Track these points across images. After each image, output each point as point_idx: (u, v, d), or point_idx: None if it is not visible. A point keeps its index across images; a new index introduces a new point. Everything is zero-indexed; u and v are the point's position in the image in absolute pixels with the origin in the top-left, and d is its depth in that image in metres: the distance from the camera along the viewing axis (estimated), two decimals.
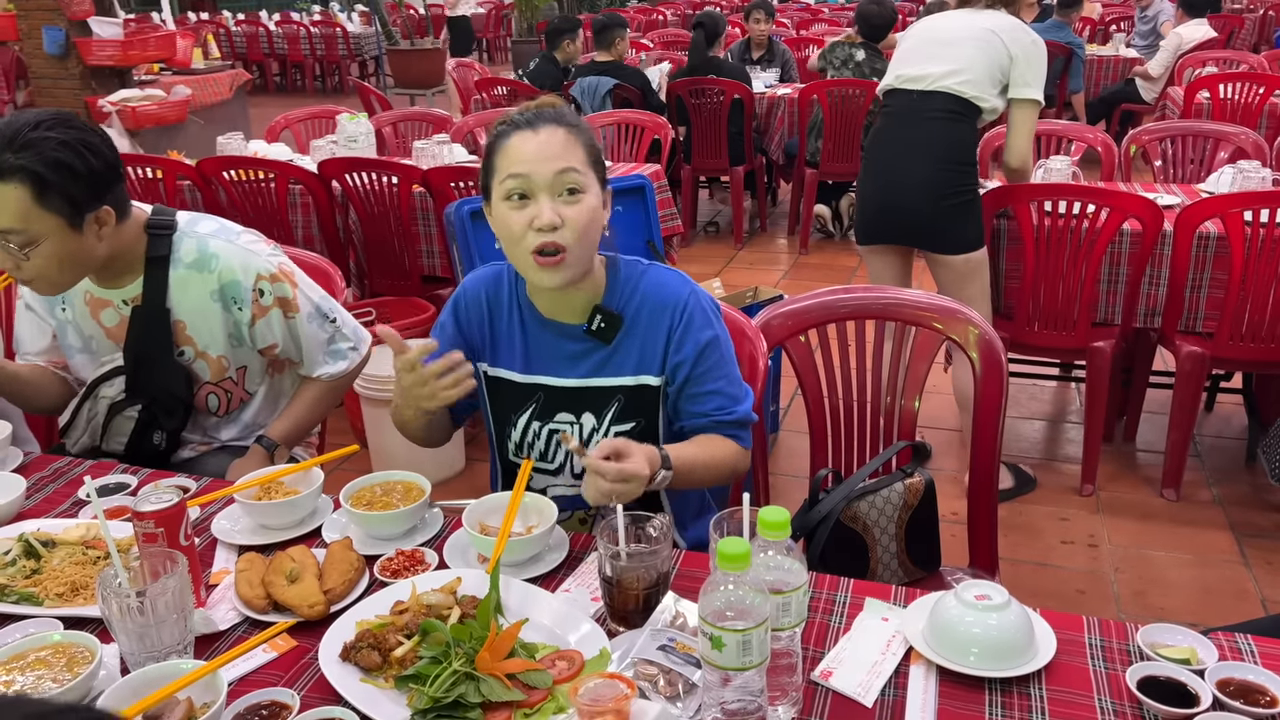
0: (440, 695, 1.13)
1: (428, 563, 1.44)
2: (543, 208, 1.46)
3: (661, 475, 1.45)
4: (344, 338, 2.04)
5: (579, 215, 1.48)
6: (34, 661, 1.20)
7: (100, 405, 1.95)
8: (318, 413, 2.08)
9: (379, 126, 4.82)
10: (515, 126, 1.50)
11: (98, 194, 1.71)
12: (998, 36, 2.97)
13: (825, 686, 1.19)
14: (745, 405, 1.62)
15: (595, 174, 1.53)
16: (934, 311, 1.95)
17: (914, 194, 3.04)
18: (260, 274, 1.90)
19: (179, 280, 1.87)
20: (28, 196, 1.63)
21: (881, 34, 5.61)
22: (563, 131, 1.49)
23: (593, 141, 1.54)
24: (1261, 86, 5.47)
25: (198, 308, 1.89)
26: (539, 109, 1.52)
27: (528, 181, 1.47)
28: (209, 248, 1.88)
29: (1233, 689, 1.14)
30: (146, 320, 1.88)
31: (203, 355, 1.93)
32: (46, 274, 1.73)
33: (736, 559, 1.04)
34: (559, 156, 1.47)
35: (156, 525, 1.31)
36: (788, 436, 3.61)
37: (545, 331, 1.62)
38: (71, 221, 1.69)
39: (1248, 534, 2.97)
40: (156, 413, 1.94)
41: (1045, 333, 3.15)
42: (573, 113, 1.55)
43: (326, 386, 2.05)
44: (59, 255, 1.70)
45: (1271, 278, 2.87)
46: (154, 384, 1.92)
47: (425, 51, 10.88)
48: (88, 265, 1.79)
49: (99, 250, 1.77)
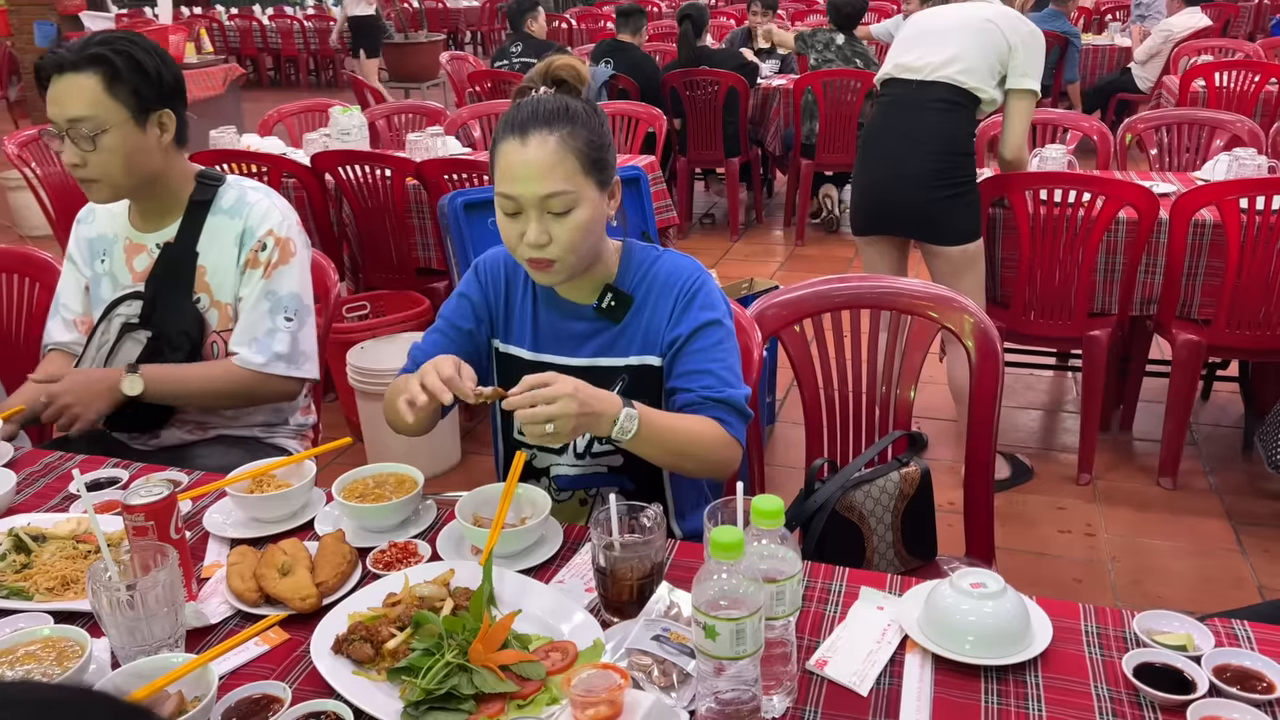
0: (433, 687, 1.12)
1: (420, 555, 1.43)
2: (530, 226, 1.45)
3: (624, 414, 1.39)
4: (284, 342, 1.95)
5: (567, 232, 1.46)
6: (24, 656, 1.19)
7: (114, 325, 1.96)
8: (199, 389, 1.94)
9: (372, 119, 4.80)
10: (509, 130, 1.46)
11: (162, 97, 1.85)
12: (996, 26, 2.96)
13: (820, 675, 1.18)
14: (738, 391, 1.56)
15: (592, 177, 1.47)
16: (929, 300, 1.94)
17: (912, 184, 3.02)
18: (273, 229, 1.96)
19: (212, 226, 1.96)
20: (99, 85, 1.78)
21: (852, 22, 5.66)
22: (554, 141, 1.43)
23: (592, 137, 1.47)
24: (1257, 74, 5.47)
25: (220, 252, 1.95)
26: (536, 107, 1.46)
27: (516, 201, 1.46)
28: (247, 197, 1.98)
29: (1229, 675, 1.13)
30: (174, 258, 1.95)
31: (216, 304, 1.96)
32: (110, 171, 1.83)
33: (729, 548, 1.04)
34: (545, 177, 1.43)
35: (147, 519, 1.30)
36: (784, 428, 3.60)
37: (555, 311, 1.62)
38: (137, 116, 1.82)
39: (1244, 522, 2.97)
40: (163, 346, 1.94)
41: (1041, 322, 3.14)
42: (572, 105, 1.48)
43: (226, 377, 1.94)
44: (124, 149, 1.82)
45: (1267, 265, 2.87)
46: (167, 320, 1.94)
47: (420, 45, 10.85)
48: (145, 171, 1.87)
49: (156, 159, 1.88)
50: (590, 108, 1.51)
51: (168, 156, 1.90)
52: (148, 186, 1.92)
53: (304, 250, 2.03)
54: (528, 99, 1.50)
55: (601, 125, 1.51)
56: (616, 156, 1.55)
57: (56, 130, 1.81)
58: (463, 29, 16.00)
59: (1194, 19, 6.98)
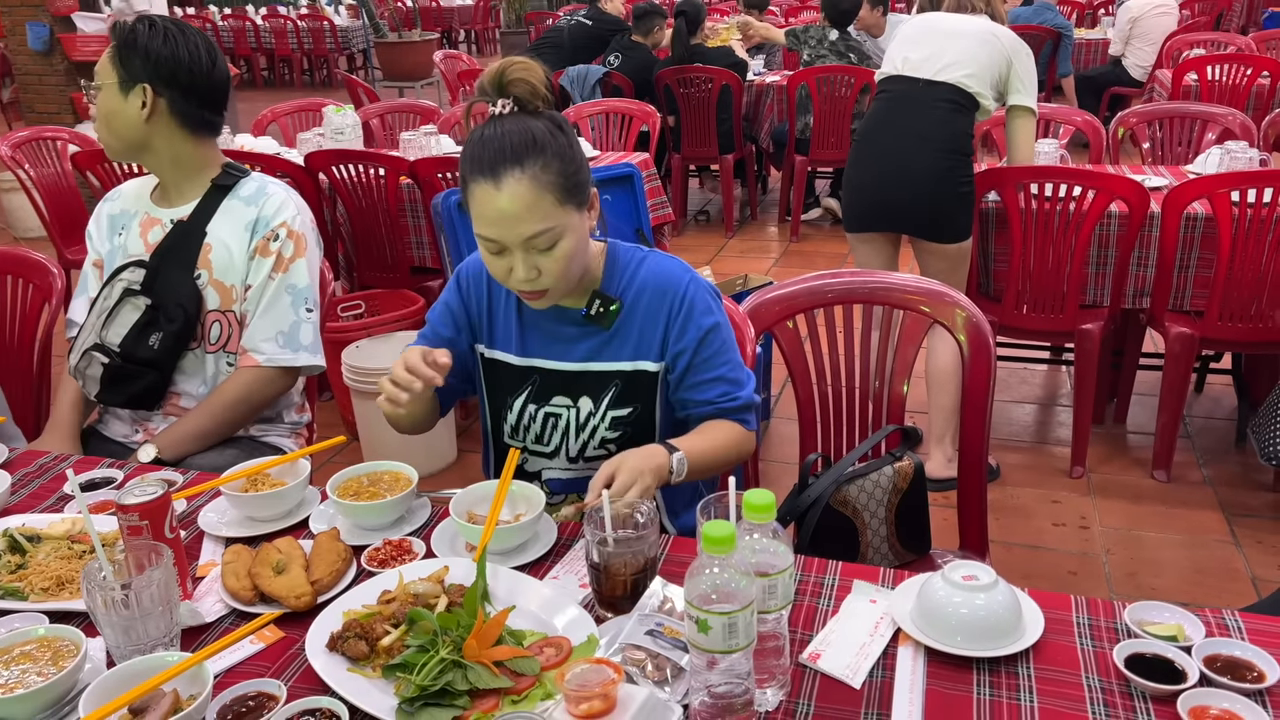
0: (428, 683, 1.12)
1: (415, 552, 1.43)
2: (517, 265, 1.45)
3: (676, 459, 1.47)
4: (309, 333, 2.03)
5: (555, 265, 1.46)
6: (19, 656, 1.19)
7: (117, 289, 1.98)
8: (220, 409, 1.98)
9: (366, 118, 4.80)
10: (479, 172, 1.41)
11: (148, 72, 1.91)
12: (999, 41, 3.02)
13: (813, 669, 1.19)
14: (748, 389, 1.62)
15: (571, 204, 1.45)
16: (922, 295, 1.95)
17: (917, 182, 3.03)
18: (286, 221, 2.01)
19: (227, 208, 2.02)
20: (111, 49, 1.93)
21: (848, 18, 5.65)
22: (527, 180, 1.39)
23: (564, 165, 1.43)
24: (1249, 68, 5.48)
25: (230, 232, 2.00)
26: (501, 143, 1.40)
27: (498, 243, 1.45)
28: (267, 189, 2.04)
29: (1220, 665, 1.14)
30: (183, 233, 2.00)
31: (215, 283, 1.99)
32: (100, 126, 1.97)
33: (721, 541, 1.04)
34: (524, 218, 1.41)
35: (141, 518, 1.30)
36: (778, 424, 3.61)
37: (542, 315, 1.62)
38: (121, 84, 1.92)
39: (1238, 514, 2.98)
40: (160, 316, 1.96)
41: (1034, 315, 3.15)
42: (538, 134, 1.42)
43: (247, 385, 1.98)
44: (105, 109, 1.94)
45: (1259, 258, 2.88)
46: (166, 291, 1.97)
47: (413, 44, 10.83)
48: (125, 137, 1.95)
49: (137, 128, 1.93)
50: (554, 125, 1.45)
51: (156, 131, 1.95)
52: (142, 155, 1.99)
53: (315, 248, 2.08)
54: (490, 129, 1.43)
55: (571, 145, 1.46)
56: (589, 168, 1.52)
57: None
58: (456, 27, 15.99)
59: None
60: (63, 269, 2.38)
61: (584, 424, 1.61)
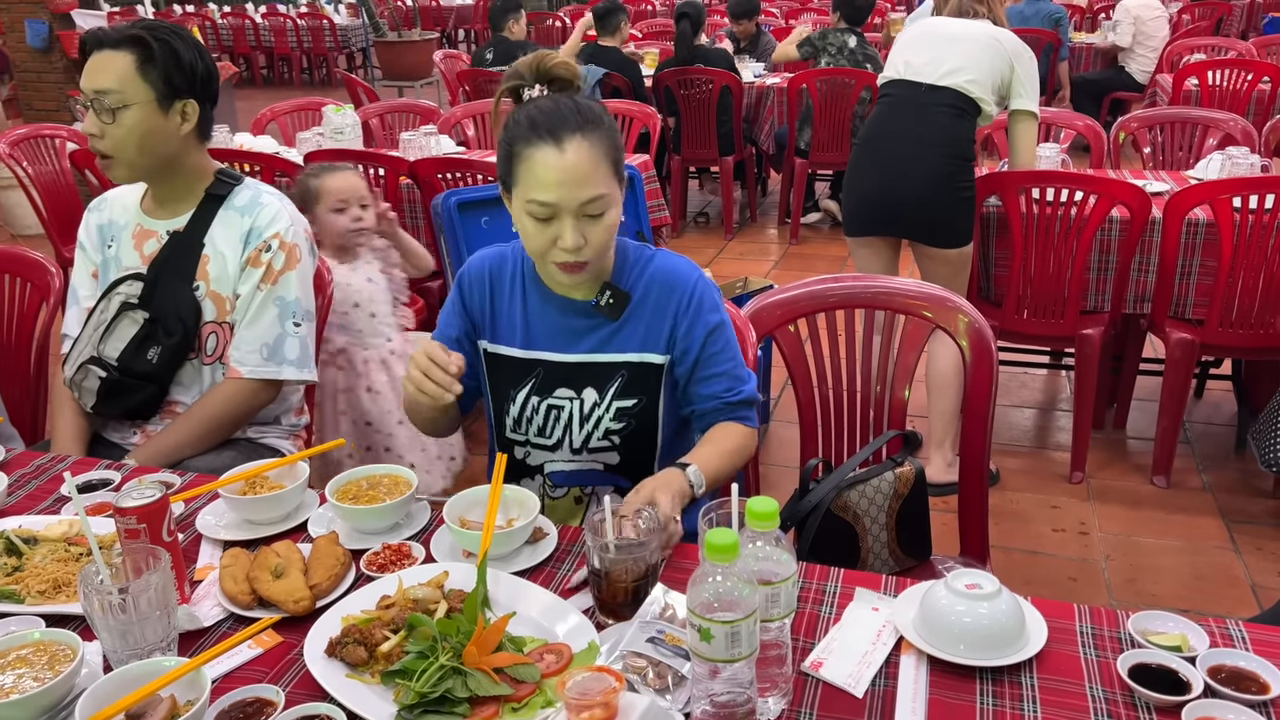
0: (427, 690, 1.11)
1: (414, 557, 1.43)
2: (567, 232, 1.46)
3: (691, 473, 1.49)
4: (294, 348, 2.00)
5: (602, 234, 1.49)
6: (15, 660, 1.18)
7: (114, 303, 1.97)
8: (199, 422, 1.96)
9: (366, 118, 4.79)
10: (539, 136, 1.45)
11: (191, 88, 1.91)
12: (1002, 46, 3.01)
13: (815, 677, 1.18)
14: (750, 385, 1.66)
15: (617, 178, 1.51)
16: (924, 300, 1.94)
17: (920, 186, 3.02)
18: (280, 233, 1.99)
19: (223, 219, 2.00)
20: (132, 64, 1.85)
21: (864, 15, 5.63)
22: (588, 145, 1.45)
23: (613, 136, 1.50)
24: (1250, 73, 5.48)
25: (225, 243, 1.98)
26: (556, 108, 1.46)
27: (553, 208, 1.46)
28: (261, 199, 2.02)
29: (1224, 676, 1.13)
30: (180, 245, 1.98)
31: (212, 294, 1.98)
32: (125, 148, 1.88)
33: (724, 550, 1.03)
34: (586, 182, 1.45)
35: (139, 521, 1.29)
36: (778, 427, 3.60)
37: (549, 307, 1.63)
38: (161, 100, 1.88)
39: (1238, 520, 2.97)
40: (158, 329, 1.95)
41: (1035, 321, 3.15)
42: (595, 107, 1.50)
43: (228, 399, 1.97)
44: (141, 129, 1.87)
45: (1260, 264, 2.87)
46: (165, 304, 1.95)
47: (413, 43, 10.83)
48: (160, 154, 1.92)
49: (173, 145, 1.92)
50: (603, 107, 1.53)
51: (186, 146, 1.95)
52: (164, 172, 1.96)
53: (309, 258, 2.06)
54: (544, 100, 1.49)
55: (615, 125, 1.54)
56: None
57: (84, 100, 1.86)
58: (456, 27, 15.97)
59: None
60: (60, 268, 2.36)
61: (588, 415, 1.62)
